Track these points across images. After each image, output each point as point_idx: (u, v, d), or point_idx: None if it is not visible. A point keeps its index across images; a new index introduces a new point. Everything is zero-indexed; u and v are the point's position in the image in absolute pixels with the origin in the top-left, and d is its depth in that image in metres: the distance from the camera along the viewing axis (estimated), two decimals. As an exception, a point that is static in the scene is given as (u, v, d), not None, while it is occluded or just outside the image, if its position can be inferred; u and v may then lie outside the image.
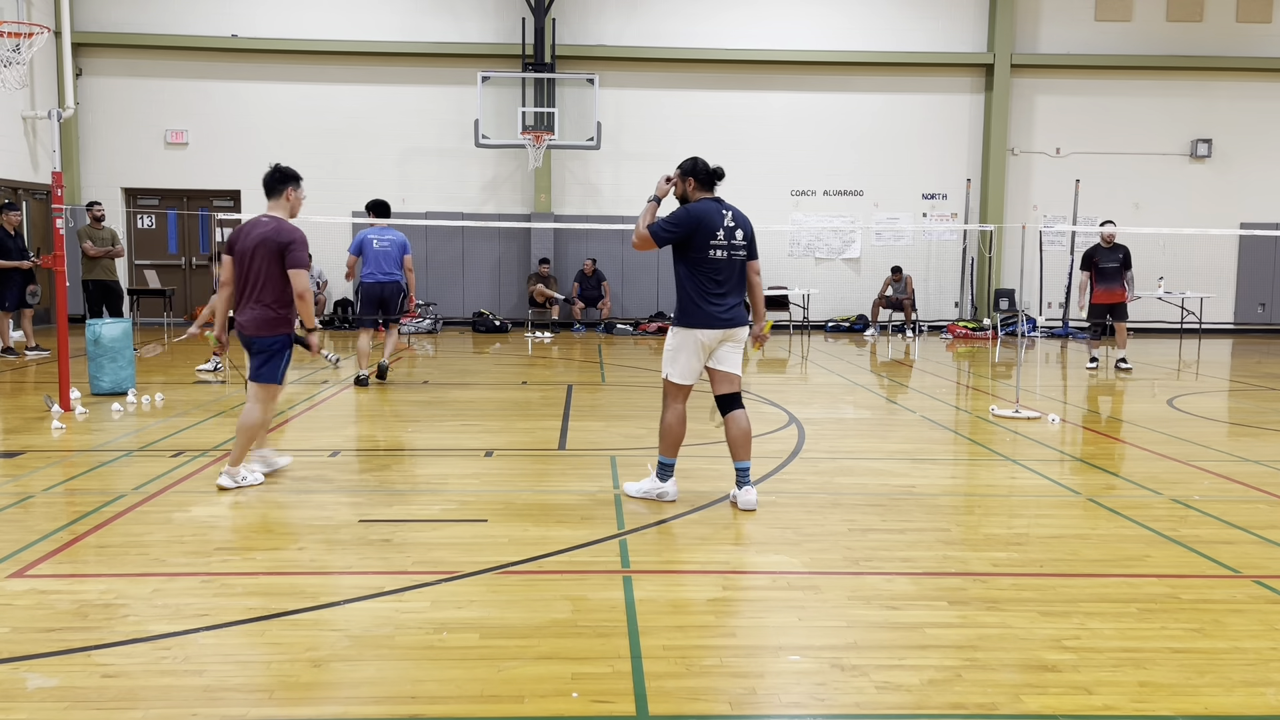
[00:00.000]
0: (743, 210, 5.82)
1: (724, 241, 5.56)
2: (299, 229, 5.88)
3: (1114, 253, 12.33)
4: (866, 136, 18.64)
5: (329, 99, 18.09)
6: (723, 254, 5.56)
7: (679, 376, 5.65)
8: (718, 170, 5.68)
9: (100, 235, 13.09)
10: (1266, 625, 3.98)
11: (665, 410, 5.74)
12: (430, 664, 3.52)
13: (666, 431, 5.72)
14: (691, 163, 5.70)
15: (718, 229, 5.54)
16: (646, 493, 5.76)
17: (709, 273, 5.56)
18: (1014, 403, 9.34)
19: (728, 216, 5.61)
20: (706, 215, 5.54)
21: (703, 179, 5.65)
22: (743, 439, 5.63)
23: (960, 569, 4.65)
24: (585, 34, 18.17)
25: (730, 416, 5.69)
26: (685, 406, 5.74)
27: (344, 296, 18.28)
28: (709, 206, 5.58)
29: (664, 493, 5.71)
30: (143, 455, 6.89)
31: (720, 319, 5.58)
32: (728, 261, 5.59)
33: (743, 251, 5.66)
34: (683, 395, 5.72)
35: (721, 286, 5.58)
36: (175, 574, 4.42)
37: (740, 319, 5.67)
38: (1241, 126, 18.86)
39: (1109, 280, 12.33)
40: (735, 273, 5.65)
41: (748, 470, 5.64)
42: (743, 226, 5.66)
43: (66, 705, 3.17)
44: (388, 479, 6.34)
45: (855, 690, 3.36)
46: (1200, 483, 6.57)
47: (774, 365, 13.48)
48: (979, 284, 18.84)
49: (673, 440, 5.71)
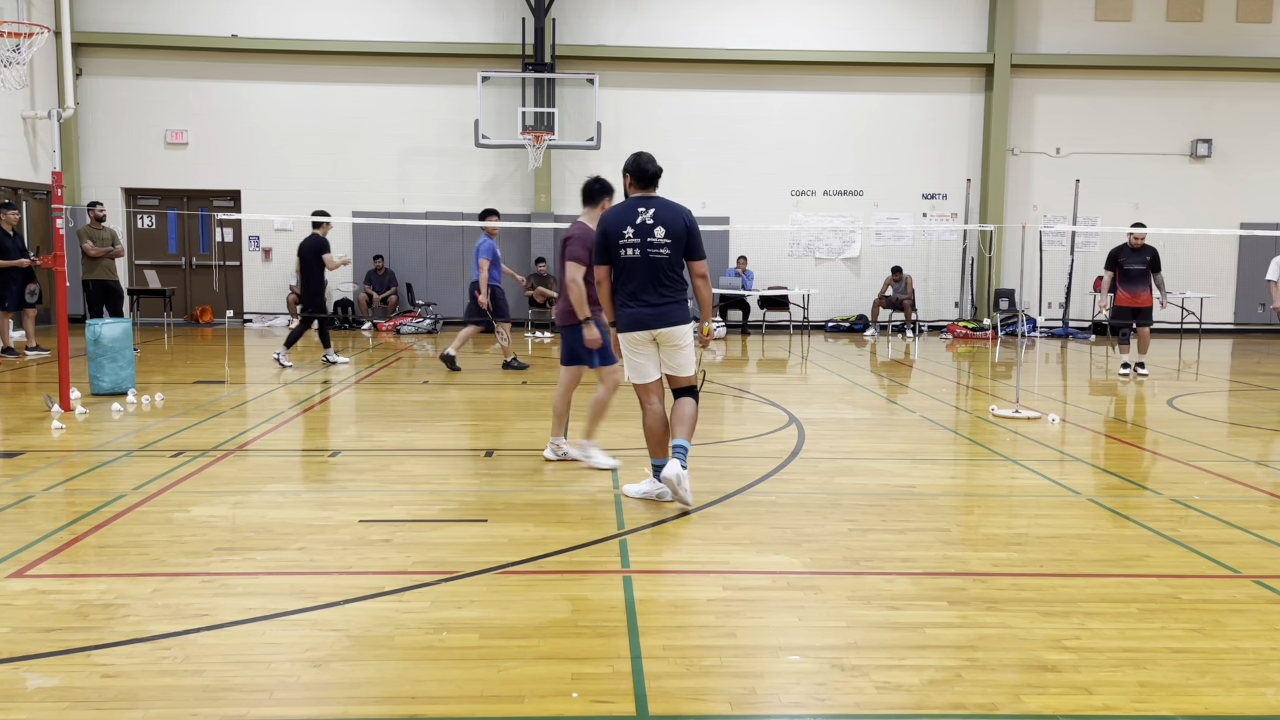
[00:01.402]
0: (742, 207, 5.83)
1: (635, 240, 5.42)
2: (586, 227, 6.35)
3: (1141, 255, 11.86)
4: (866, 136, 18.64)
5: (329, 99, 18.09)
6: (635, 252, 5.43)
7: (634, 377, 5.67)
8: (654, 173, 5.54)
9: (100, 235, 13.09)
10: (1266, 625, 3.98)
11: (643, 413, 5.76)
12: (430, 664, 3.52)
13: (648, 433, 5.75)
14: (633, 159, 5.60)
15: (625, 228, 5.42)
16: (646, 494, 5.76)
17: (624, 273, 5.47)
18: (1014, 403, 9.34)
19: (646, 214, 5.45)
20: (614, 218, 5.48)
21: (637, 176, 5.55)
22: (685, 418, 5.58)
23: (960, 569, 4.65)
24: (585, 34, 18.18)
25: (679, 400, 5.69)
26: (661, 405, 5.70)
27: (344, 297, 18.29)
28: (626, 206, 5.49)
29: (663, 493, 5.68)
30: (143, 455, 6.89)
31: (641, 320, 5.49)
32: (644, 260, 5.43)
33: (664, 250, 5.44)
34: (651, 394, 5.69)
35: (637, 286, 5.45)
36: (175, 574, 4.42)
37: (671, 318, 5.52)
38: (1241, 126, 18.87)
39: (1134, 283, 11.85)
40: (656, 271, 5.46)
41: (685, 449, 5.51)
42: (668, 224, 5.45)
43: (66, 705, 3.17)
44: (388, 479, 6.34)
45: (855, 690, 3.36)
46: (1200, 483, 6.57)
47: (774, 365, 13.48)
48: (979, 284, 18.84)
49: (656, 440, 5.71)
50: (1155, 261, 11.89)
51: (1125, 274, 11.90)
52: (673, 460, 5.48)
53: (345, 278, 18.40)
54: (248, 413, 8.83)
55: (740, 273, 18.05)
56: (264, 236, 18.36)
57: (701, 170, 18.50)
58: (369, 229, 18.05)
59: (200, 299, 18.51)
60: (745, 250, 18.35)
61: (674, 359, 5.65)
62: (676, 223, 5.47)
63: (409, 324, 17.08)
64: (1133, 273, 11.86)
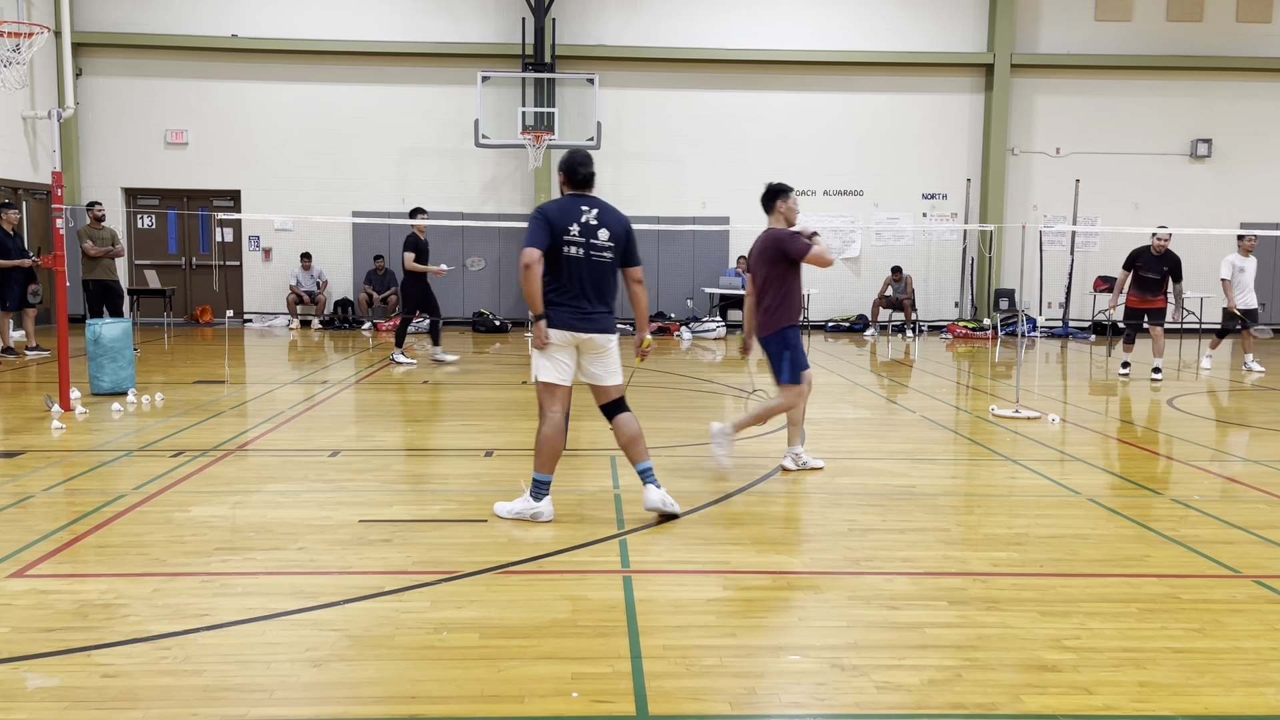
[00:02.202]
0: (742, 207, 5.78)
1: (580, 239, 5.19)
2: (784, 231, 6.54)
3: (1160, 263, 11.50)
4: (867, 136, 18.64)
5: (329, 99, 18.09)
6: (578, 251, 5.19)
7: (548, 375, 5.29)
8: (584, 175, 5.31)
9: (100, 235, 13.09)
10: (1266, 625, 3.98)
11: (541, 420, 5.32)
12: (430, 664, 3.52)
13: (543, 444, 5.28)
14: (567, 158, 5.38)
15: (572, 224, 5.19)
16: (519, 514, 5.30)
17: (563, 270, 5.20)
18: (1014, 403, 9.34)
19: (591, 213, 5.24)
20: (559, 211, 5.22)
21: (569, 176, 5.32)
22: (632, 442, 5.41)
23: (960, 569, 4.65)
24: (585, 34, 18.17)
25: (616, 421, 5.44)
26: (563, 417, 5.35)
27: (344, 296, 18.29)
28: (568, 202, 5.27)
29: (538, 513, 5.27)
30: (143, 455, 6.89)
31: (571, 322, 5.22)
32: (586, 261, 5.21)
33: (608, 254, 5.25)
34: (557, 400, 5.31)
35: (576, 287, 5.21)
36: (175, 574, 4.43)
37: (604, 325, 5.29)
38: (1241, 126, 18.86)
39: (1147, 289, 11.59)
40: (597, 276, 5.24)
41: (649, 470, 5.40)
42: (611, 227, 5.27)
43: (66, 705, 3.17)
44: (388, 479, 6.34)
45: (855, 690, 3.36)
46: (1200, 483, 6.57)
47: (774, 365, 13.47)
48: (979, 284, 18.84)
49: (549, 453, 5.29)
50: (1176, 271, 11.56)
51: (1139, 279, 11.63)
52: (647, 486, 5.37)
53: (346, 279, 18.40)
54: (248, 413, 8.84)
55: (740, 272, 18.04)
56: (264, 236, 18.36)
57: (702, 170, 18.51)
58: (369, 229, 18.04)
59: (200, 299, 18.51)
60: (745, 250, 18.31)
61: (600, 365, 5.37)
62: (619, 227, 5.30)
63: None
64: (1147, 280, 11.58)
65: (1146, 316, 11.77)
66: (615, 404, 5.46)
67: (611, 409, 5.46)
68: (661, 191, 18.44)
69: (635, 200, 18.18)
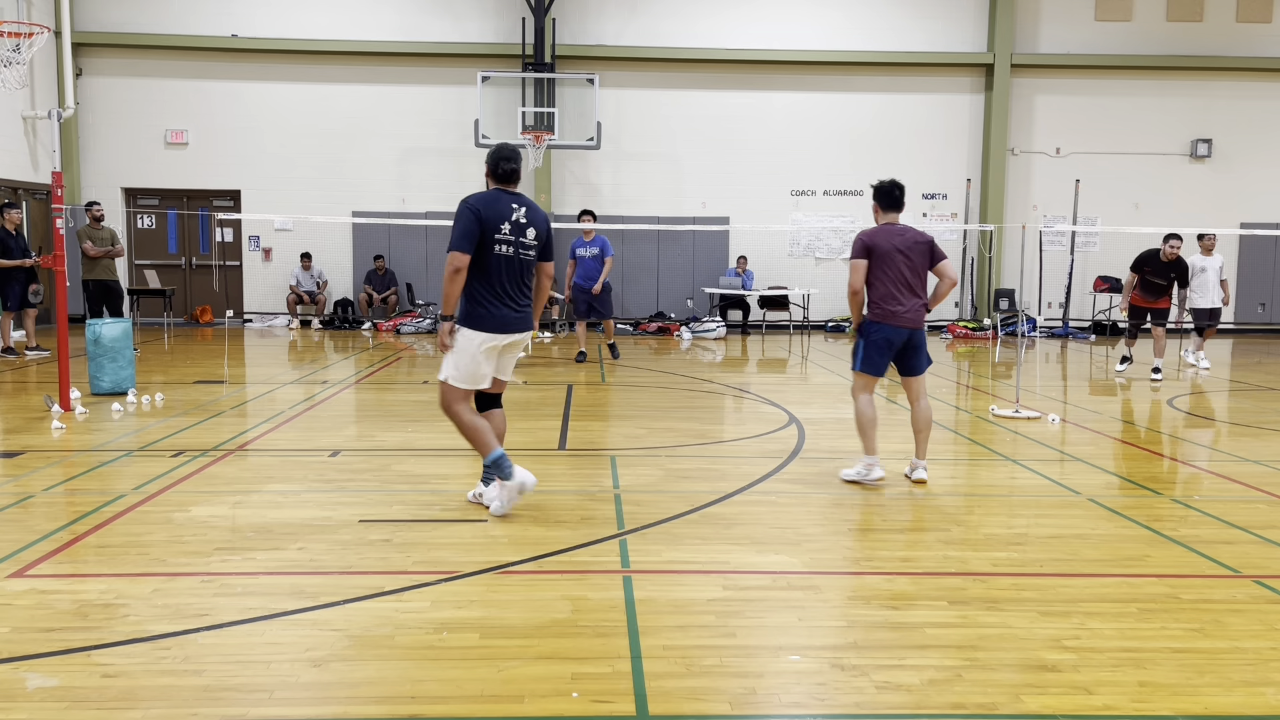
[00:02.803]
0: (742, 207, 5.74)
1: (510, 237, 5.16)
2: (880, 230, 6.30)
3: (1168, 270, 11.51)
4: (866, 136, 18.64)
5: (329, 99, 18.10)
6: (508, 250, 5.16)
7: (462, 380, 5.25)
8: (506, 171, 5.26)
9: (100, 235, 13.09)
10: (1266, 625, 3.98)
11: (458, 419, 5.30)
12: (430, 664, 3.52)
13: (473, 431, 5.29)
14: (493, 153, 5.28)
15: (503, 222, 5.14)
16: (509, 500, 5.33)
17: (490, 270, 5.13)
18: (1014, 403, 9.34)
19: (520, 211, 5.20)
20: (491, 206, 5.13)
21: (492, 168, 5.26)
22: (500, 433, 5.51)
23: (960, 569, 4.65)
24: (585, 34, 18.18)
25: (494, 413, 5.53)
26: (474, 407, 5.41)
27: (344, 296, 18.29)
28: (493, 197, 5.18)
29: (523, 484, 5.28)
30: (143, 455, 6.89)
31: (508, 323, 5.24)
32: (515, 259, 5.21)
33: (533, 252, 5.28)
34: (467, 399, 5.34)
35: (504, 286, 5.19)
36: (175, 574, 4.42)
37: (529, 324, 5.39)
38: (1241, 126, 18.87)
39: (1153, 294, 11.64)
40: (523, 274, 5.28)
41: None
42: (536, 225, 5.27)
43: (66, 705, 3.17)
44: (388, 479, 6.34)
45: (855, 690, 3.36)
46: (1200, 483, 6.57)
47: (774, 365, 13.48)
48: (979, 284, 18.84)
49: (484, 433, 5.28)
50: (1182, 277, 11.61)
51: (1147, 284, 11.66)
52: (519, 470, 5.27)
53: (346, 279, 18.41)
54: (248, 413, 8.84)
55: (740, 273, 18.06)
56: (264, 236, 18.36)
57: (702, 170, 18.52)
58: (369, 229, 18.05)
59: (200, 299, 18.52)
60: (745, 250, 18.36)
61: (510, 363, 5.50)
62: (542, 225, 5.31)
63: (409, 324, 17.08)
64: (1154, 285, 11.61)
65: (1150, 315, 11.82)
66: (494, 398, 5.56)
67: (490, 402, 5.54)
68: (661, 191, 18.44)
69: (635, 200, 18.20)
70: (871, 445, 6.23)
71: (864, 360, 6.28)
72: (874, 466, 6.21)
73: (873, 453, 6.23)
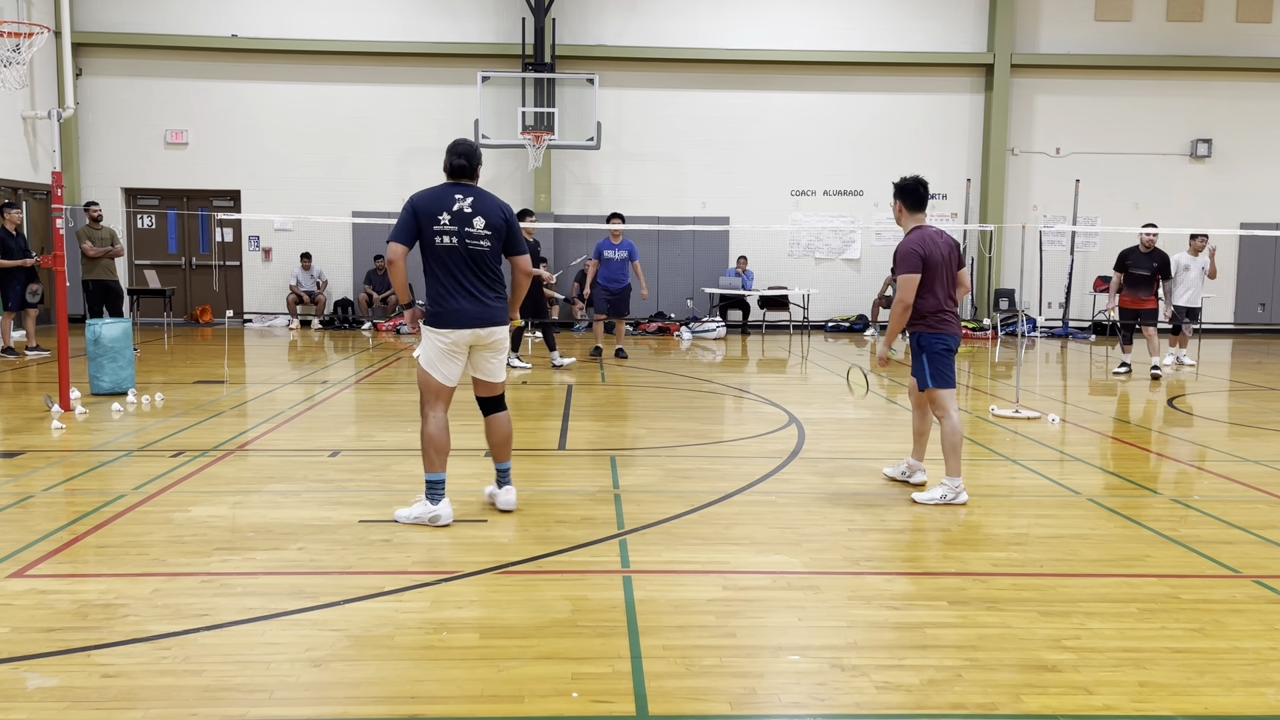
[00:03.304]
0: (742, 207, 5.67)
1: (451, 227, 5.04)
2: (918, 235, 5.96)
3: (1149, 259, 11.73)
4: (866, 136, 18.64)
5: (329, 99, 18.09)
6: (451, 240, 5.04)
7: (430, 368, 5.23)
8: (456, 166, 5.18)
9: (99, 235, 13.09)
10: (1266, 625, 3.98)
11: (424, 420, 5.23)
12: (430, 664, 3.52)
13: (427, 443, 5.19)
14: (450, 146, 5.24)
15: (441, 212, 5.04)
16: (418, 518, 5.19)
17: (443, 263, 5.07)
18: (1014, 403, 9.34)
19: (464, 201, 5.08)
20: (429, 199, 5.09)
21: (445, 164, 5.21)
22: (503, 442, 5.46)
23: (960, 569, 4.65)
24: (585, 34, 18.17)
25: (491, 419, 5.45)
26: (446, 414, 5.28)
27: (344, 296, 18.29)
28: (437, 191, 5.13)
29: (436, 516, 5.15)
30: (143, 455, 6.89)
31: (466, 317, 5.10)
32: (461, 250, 5.06)
33: (485, 242, 5.09)
34: (441, 400, 5.25)
35: (458, 279, 5.08)
36: (175, 574, 4.42)
37: (497, 318, 5.21)
38: (1241, 126, 18.87)
39: (1138, 287, 11.79)
40: (478, 265, 5.11)
41: (508, 471, 5.52)
42: (486, 214, 5.10)
43: (66, 705, 3.17)
44: (388, 479, 6.34)
45: (855, 690, 3.36)
46: (1200, 483, 6.57)
47: (774, 365, 13.49)
48: (979, 284, 18.84)
49: (436, 451, 5.19)
50: (1164, 268, 11.81)
51: (1131, 278, 11.88)
52: (507, 487, 5.47)
53: (346, 279, 18.40)
54: (248, 413, 8.84)
55: (740, 273, 18.06)
56: (264, 236, 18.36)
57: (702, 170, 18.51)
58: (369, 229, 18.03)
59: (200, 299, 18.51)
60: (745, 250, 18.35)
61: (490, 363, 5.35)
62: (495, 214, 5.14)
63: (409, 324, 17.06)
64: (1138, 277, 11.81)
65: (1139, 318, 11.95)
66: (496, 400, 5.46)
67: (491, 405, 5.46)
68: (661, 191, 18.44)
69: (635, 200, 18.18)
70: (959, 466, 5.84)
71: (935, 374, 5.93)
72: (961, 489, 5.82)
73: (958, 474, 5.84)
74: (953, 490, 5.81)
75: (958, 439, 5.86)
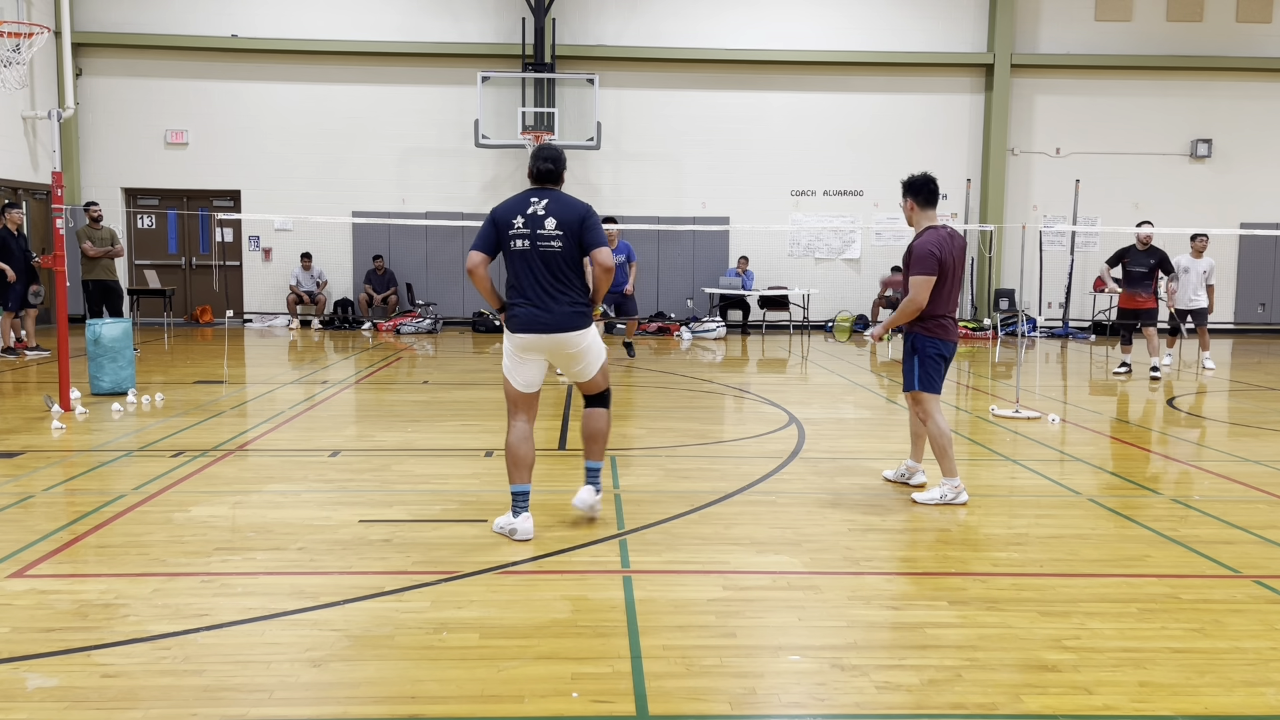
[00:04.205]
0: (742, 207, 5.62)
1: (524, 230, 4.96)
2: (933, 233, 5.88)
3: (1146, 257, 11.65)
4: (866, 136, 18.64)
5: (329, 99, 18.09)
6: (524, 243, 4.96)
7: (508, 374, 5.14)
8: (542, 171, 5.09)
9: (99, 235, 13.09)
10: (1266, 625, 3.98)
11: (507, 428, 5.16)
12: (430, 664, 3.52)
13: (508, 452, 5.10)
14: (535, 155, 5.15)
15: (515, 216, 4.99)
16: (500, 529, 5.09)
17: (515, 267, 5.01)
18: (1014, 403, 9.33)
19: (539, 204, 5.01)
20: (507, 206, 5.06)
21: (529, 170, 5.15)
22: (590, 437, 5.31)
23: (960, 569, 4.65)
24: (585, 34, 18.17)
25: (588, 412, 5.38)
26: (530, 425, 5.15)
27: (344, 296, 18.29)
28: (516, 198, 5.08)
29: (514, 529, 5.00)
30: (143, 455, 6.89)
31: (531, 323, 4.98)
32: (533, 253, 4.96)
33: (556, 243, 4.96)
34: (521, 409, 5.13)
35: (528, 282, 4.99)
36: (175, 574, 4.42)
37: (567, 324, 5.01)
38: (1241, 126, 18.86)
39: (1136, 285, 11.70)
40: (549, 267, 4.99)
41: (595, 471, 5.35)
42: (559, 215, 4.98)
43: (66, 705, 3.17)
44: (388, 479, 6.34)
45: (855, 690, 3.36)
46: (1200, 483, 6.57)
47: (774, 365, 13.48)
48: (979, 284, 18.84)
49: (514, 462, 5.07)
50: (1163, 264, 11.71)
51: (1129, 275, 11.81)
52: (586, 486, 5.31)
53: (346, 279, 18.41)
54: (248, 413, 8.83)
55: (741, 273, 18.06)
56: (264, 236, 18.36)
57: (702, 170, 18.51)
58: (369, 229, 18.05)
59: (200, 299, 18.51)
60: (745, 250, 18.35)
61: (577, 369, 5.21)
62: (569, 214, 5.00)
63: (409, 324, 17.08)
64: (1135, 275, 11.75)
65: (1139, 317, 11.88)
66: (596, 397, 5.40)
67: (590, 401, 5.42)
68: (661, 191, 18.44)
69: (635, 200, 18.19)
70: (953, 466, 5.84)
71: (924, 377, 5.93)
72: (961, 489, 5.81)
73: (954, 474, 5.83)
74: (952, 490, 5.80)
75: (945, 441, 5.85)
